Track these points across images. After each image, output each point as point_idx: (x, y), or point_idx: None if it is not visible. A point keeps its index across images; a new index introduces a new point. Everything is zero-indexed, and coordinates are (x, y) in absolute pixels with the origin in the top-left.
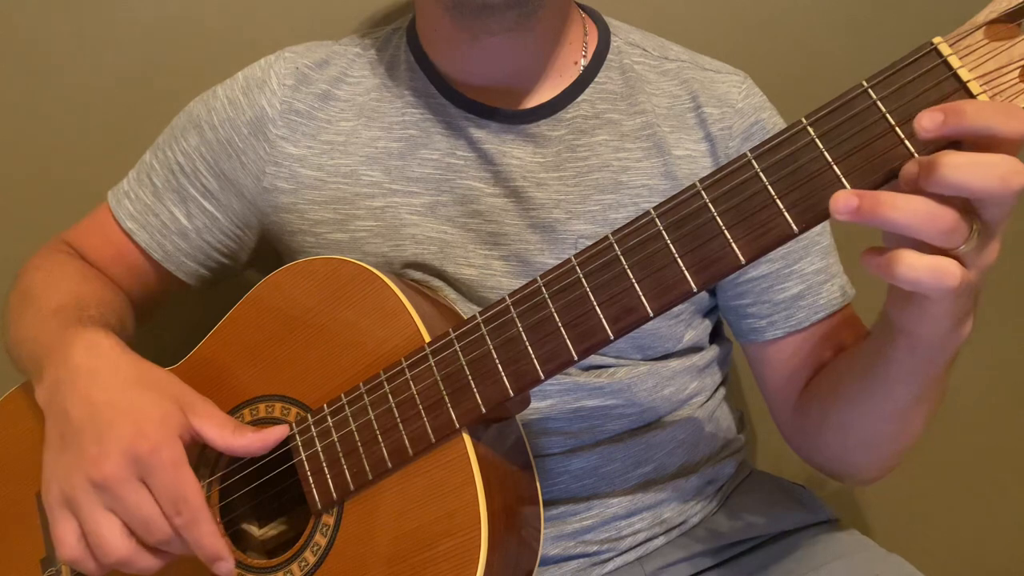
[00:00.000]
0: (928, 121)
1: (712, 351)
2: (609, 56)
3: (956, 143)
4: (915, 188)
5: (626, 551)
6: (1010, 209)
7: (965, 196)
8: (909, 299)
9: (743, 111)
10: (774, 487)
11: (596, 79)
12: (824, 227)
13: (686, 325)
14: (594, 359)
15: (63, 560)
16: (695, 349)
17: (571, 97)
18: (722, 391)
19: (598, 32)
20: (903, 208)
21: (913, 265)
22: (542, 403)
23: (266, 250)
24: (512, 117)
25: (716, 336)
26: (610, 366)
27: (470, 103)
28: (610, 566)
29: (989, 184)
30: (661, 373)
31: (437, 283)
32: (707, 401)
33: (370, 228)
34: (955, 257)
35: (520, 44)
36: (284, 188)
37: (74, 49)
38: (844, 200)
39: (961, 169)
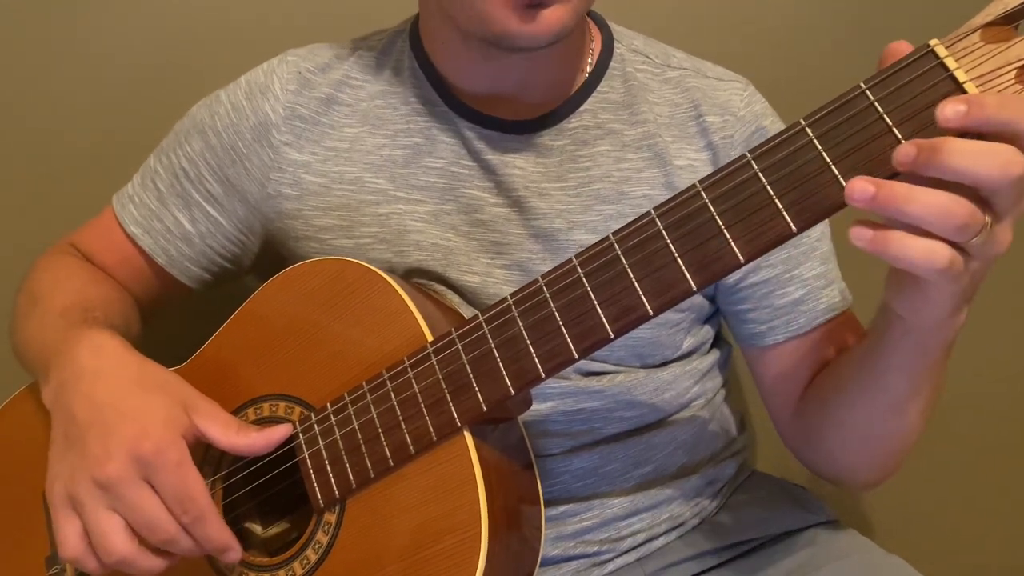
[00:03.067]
0: (951, 111)
1: (713, 355)
2: (612, 64)
3: None
4: (910, 171)
5: (626, 551)
6: (1016, 200)
7: (966, 183)
8: (908, 282)
9: (744, 119)
10: (774, 488)
11: (599, 88)
12: (824, 233)
13: (685, 333)
14: (594, 366)
15: (65, 558)
16: (695, 353)
17: (574, 107)
18: (723, 393)
19: (602, 39)
20: (919, 200)
21: (908, 245)
22: (542, 405)
23: (269, 254)
24: (515, 127)
25: (716, 340)
26: (609, 372)
27: (474, 113)
28: (610, 567)
29: (990, 172)
30: (661, 378)
31: (440, 287)
32: (708, 403)
33: (374, 235)
34: (963, 248)
35: (536, 62)
36: (288, 194)
37: (78, 50)
38: (861, 188)
39: (963, 155)
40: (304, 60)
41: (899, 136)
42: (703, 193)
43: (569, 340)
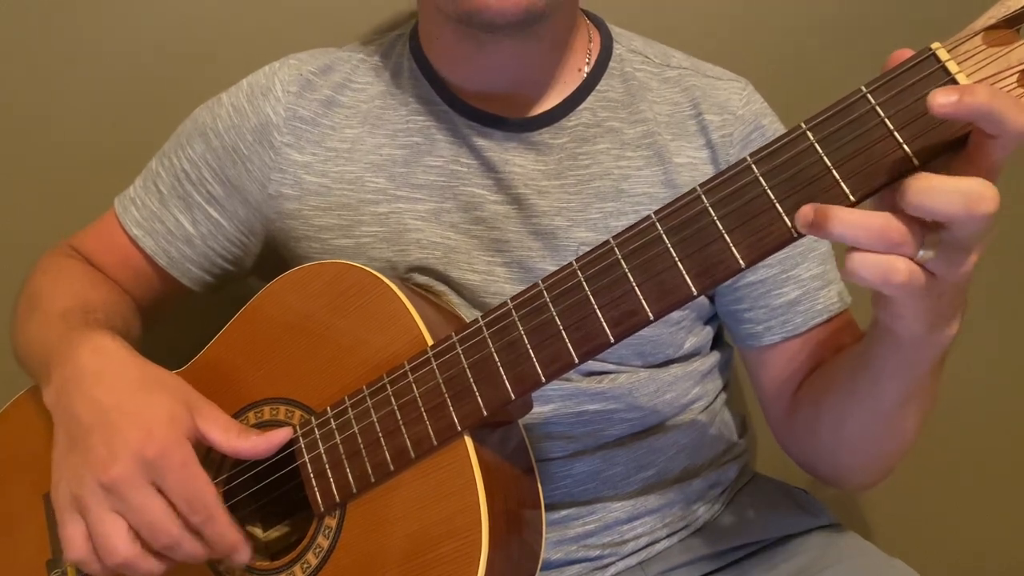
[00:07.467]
0: (943, 97)
1: (713, 357)
2: (611, 64)
3: (957, 146)
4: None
5: (628, 555)
6: (983, 229)
7: (930, 219)
8: (883, 298)
9: (743, 118)
10: (776, 491)
11: (598, 87)
12: None
13: (687, 332)
14: (595, 365)
15: (70, 560)
16: (697, 355)
17: (573, 105)
18: (724, 395)
19: (601, 39)
20: (846, 222)
21: (862, 263)
22: (544, 407)
23: (271, 256)
24: (515, 125)
25: (718, 342)
26: (611, 372)
27: (473, 111)
28: (612, 570)
29: (951, 209)
30: (662, 379)
31: (440, 287)
32: (709, 406)
33: (375, 234)
34: (918, 263)
35: (526, 53)
36: (289, 195)
37: (80, 54)
38: (803, 213)
39: (923, 193)
40: (305, 63)
41: (900, 140)
42: (703, 197)
43: (569, 344)
